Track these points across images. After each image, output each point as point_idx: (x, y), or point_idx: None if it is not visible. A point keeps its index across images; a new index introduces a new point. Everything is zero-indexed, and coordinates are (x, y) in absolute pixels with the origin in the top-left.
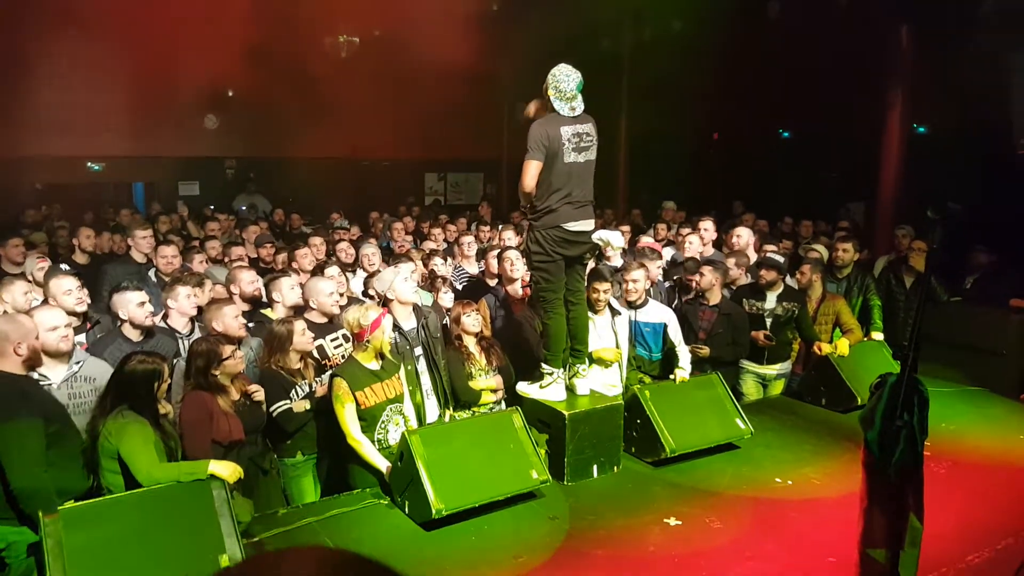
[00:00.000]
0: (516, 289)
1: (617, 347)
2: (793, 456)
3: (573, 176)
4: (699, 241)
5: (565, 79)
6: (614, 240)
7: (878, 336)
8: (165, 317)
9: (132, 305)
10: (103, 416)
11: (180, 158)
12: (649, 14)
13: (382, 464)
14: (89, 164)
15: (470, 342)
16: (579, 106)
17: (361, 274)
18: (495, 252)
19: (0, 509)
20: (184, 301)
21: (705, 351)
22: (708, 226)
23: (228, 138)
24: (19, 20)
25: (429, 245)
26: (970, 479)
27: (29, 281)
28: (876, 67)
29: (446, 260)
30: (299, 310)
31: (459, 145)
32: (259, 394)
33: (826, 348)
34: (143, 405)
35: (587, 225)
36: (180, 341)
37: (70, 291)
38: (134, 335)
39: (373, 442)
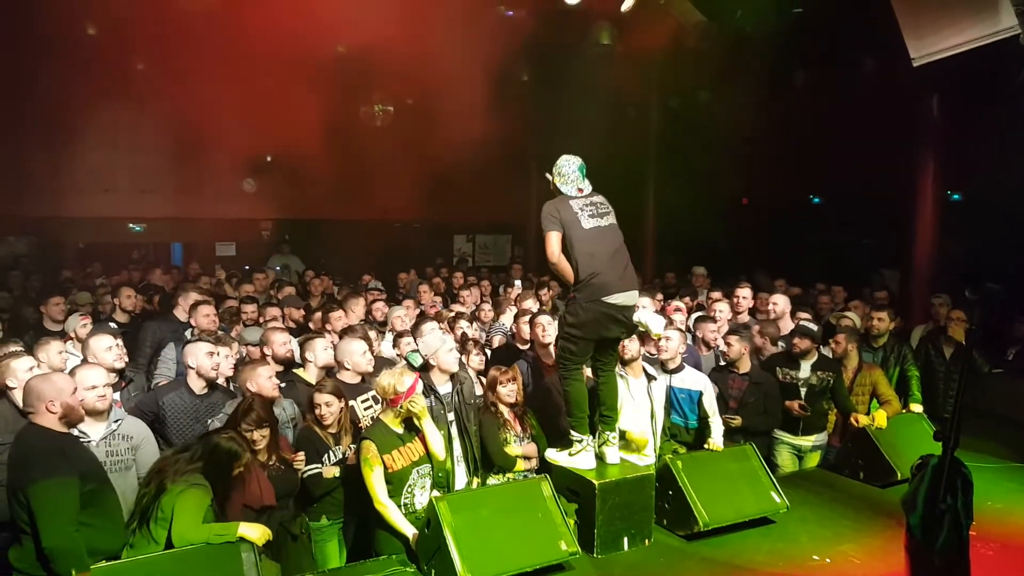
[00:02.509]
0: (548, 354)
1: (652, 413)
2: (831, 532)
3: (600, 239)
4: (728, 310)
5: (566, 164)
6: (653, 326)
7: (917, 408)
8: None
9: (202, 354)
10: (178, 475)
11: (218, 219)
12: (676, 82)
13: (408, 530)
14: (130, 225)
15: (504, 409)
16: (586, 187)
17: (390, 336)
18: (526, 318)
19: (30, 567)
20: (224, 362)
21: (737, 420)
22: (746, 294)
23: (265, 201)
24: (67, 87)
25: (457, 308)
26: (1020, 562)
27: (71, 338)
28: (908, 133)
29: (471, 323)
30: (331, 371)
31: (488, 208)
32: (300, 462)
33: (863, 420)
34: (216, 477)
35: (630, 298)
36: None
37: (111, 348)
38: (198, 386)
39: (400, 506)
